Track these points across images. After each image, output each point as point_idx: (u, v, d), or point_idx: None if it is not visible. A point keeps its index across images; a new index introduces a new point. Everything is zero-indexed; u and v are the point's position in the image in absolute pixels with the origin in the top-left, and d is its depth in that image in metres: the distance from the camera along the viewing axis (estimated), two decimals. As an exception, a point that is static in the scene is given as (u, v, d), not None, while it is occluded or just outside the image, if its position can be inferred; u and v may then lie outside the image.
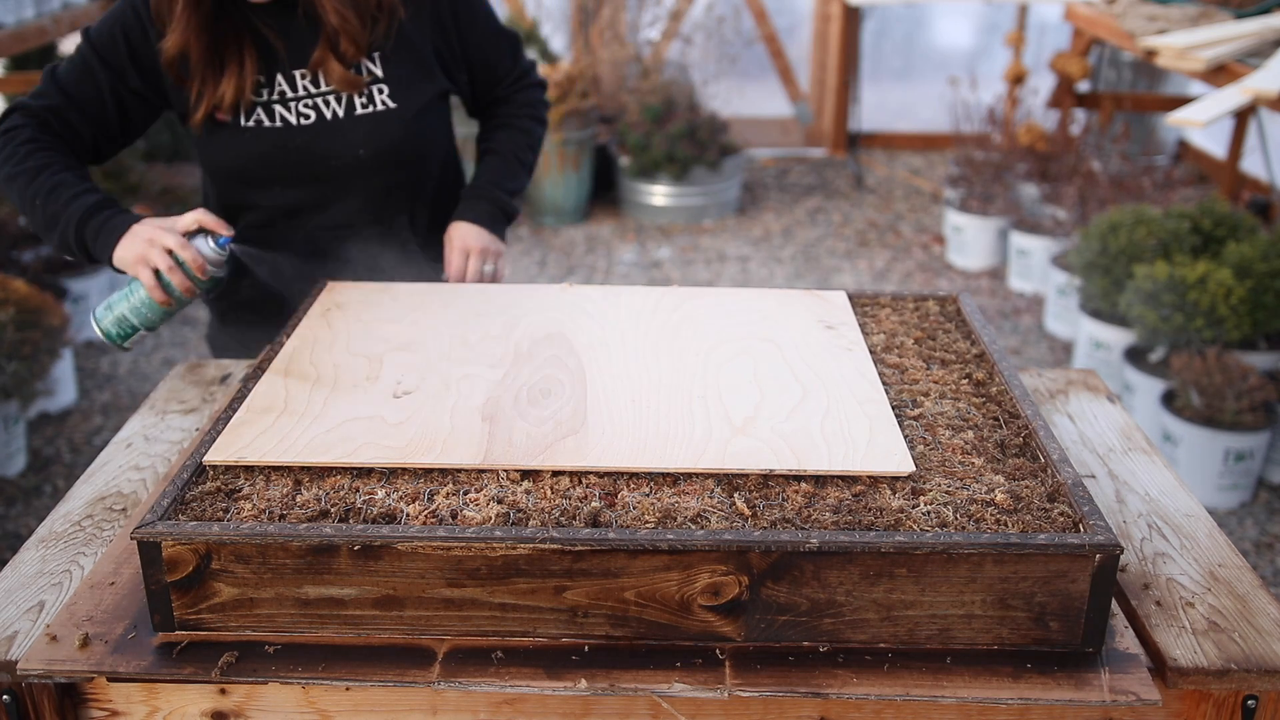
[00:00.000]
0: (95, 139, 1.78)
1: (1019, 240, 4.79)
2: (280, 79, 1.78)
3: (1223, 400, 3.23)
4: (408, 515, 1.18)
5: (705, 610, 1.15)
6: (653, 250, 5.33)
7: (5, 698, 1.20)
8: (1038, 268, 4.71)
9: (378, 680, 1.13)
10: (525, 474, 1.25)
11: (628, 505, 1.20)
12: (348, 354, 1.53)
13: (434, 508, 1.19)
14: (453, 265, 1.89)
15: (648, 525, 1.15)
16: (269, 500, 1.21)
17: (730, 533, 1.13)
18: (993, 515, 1.18)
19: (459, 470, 1.26)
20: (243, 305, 1.96)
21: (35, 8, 4.03)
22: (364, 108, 1.81)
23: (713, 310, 1.68)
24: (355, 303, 1.70)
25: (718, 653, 1.16)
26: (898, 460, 1.26)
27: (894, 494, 1.22)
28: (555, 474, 1.25)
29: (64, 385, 3.81)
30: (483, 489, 1.22)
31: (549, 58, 5.89)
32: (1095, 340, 3.92)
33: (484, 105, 2.03)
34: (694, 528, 1.15)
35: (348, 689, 1.19)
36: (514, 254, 5.25)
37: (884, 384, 1.46)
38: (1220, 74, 3.74)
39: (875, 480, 1.24)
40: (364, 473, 1.26)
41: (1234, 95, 3.46)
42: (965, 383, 1.49)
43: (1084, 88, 5.66)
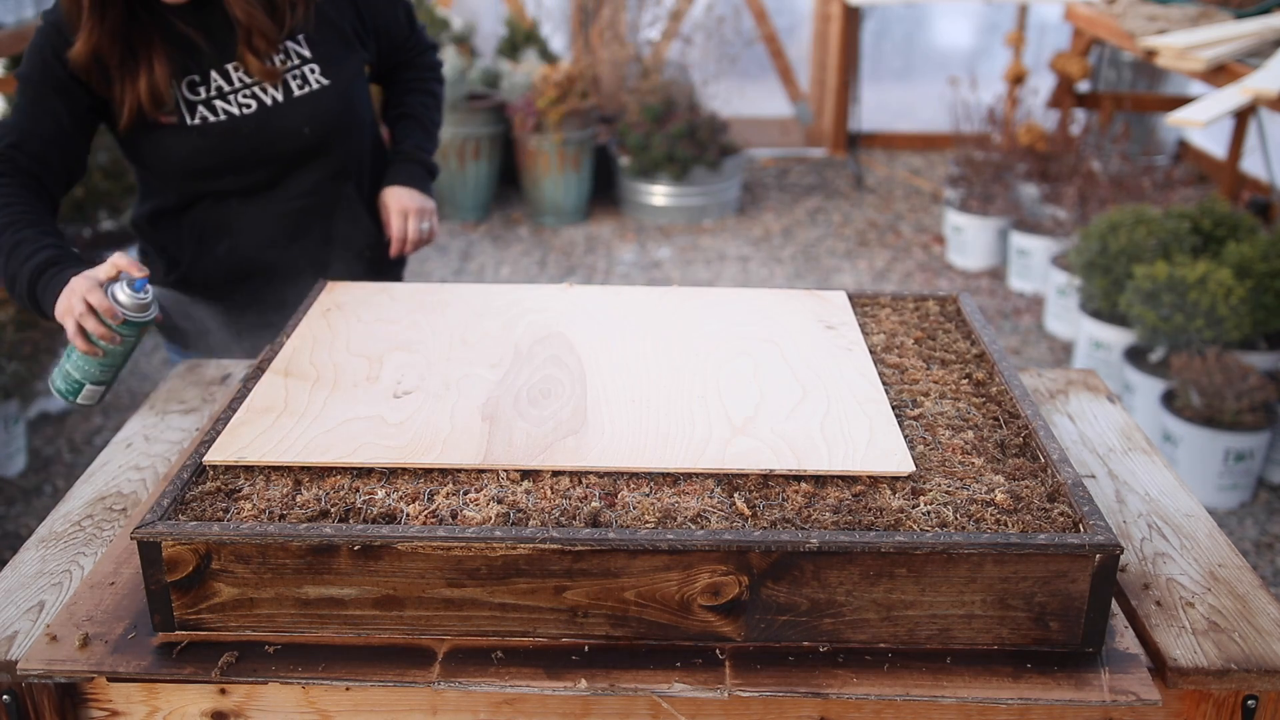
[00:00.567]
0: (65, 163, 1.80)
1: (1019, 240, 4.79)
2: (215, 75, 1.85)
3: (1223, 400, 3.23)
4: (408, 515, 1.18)
5: (705, 610, 1.15)
6: (653, 250, 5.33)
7: (5, 698, 1.20)
8: (1038, 268, 4.70)
9: (378, 680, 1.13)
10: (525, 474, 1.25)
11: (628, 505, 1.20)
12: (348, 354, 1.53)
13: (434, 508, 1.19)
14: (394, 227, 2.03)
15: (648, 525, 1.15)
16: (269, 500, 1.21)
17: (730, 533, 1.13)
18: (993, 515, 1.18)
19: (459, 470, 1.26)
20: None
21: (35, 8, 4.03)
22: (300, 89, 1.90)
23: (713, 310, 1.68)
24: (355, 303, 1.70)
25: (718, 653, 1.16)
26: (898, 460, 1.26)
27: (894, 494, 1.22)
28: (555, 474, 1.25)
29: (64, 385, 3.81)
30: (483, 489, 1.22)
31: (549, 58, 5.89)
32: (1095, 340, 3.91)
33: (388, 70, 2.15)
34: (694, 528, 1.15)
35: (348, 689, 1.19)
36: (514, 254, 5.26)
37: (884, 384, 1.46)
38: (1220, 74, 3.74)
39: (875, 480, 1.24)
40: (364, 473, 1.26)
41: (1234, 95, 3.46)
42: (965, 383, 1.49)
43: (1084, 88, 5.66)
